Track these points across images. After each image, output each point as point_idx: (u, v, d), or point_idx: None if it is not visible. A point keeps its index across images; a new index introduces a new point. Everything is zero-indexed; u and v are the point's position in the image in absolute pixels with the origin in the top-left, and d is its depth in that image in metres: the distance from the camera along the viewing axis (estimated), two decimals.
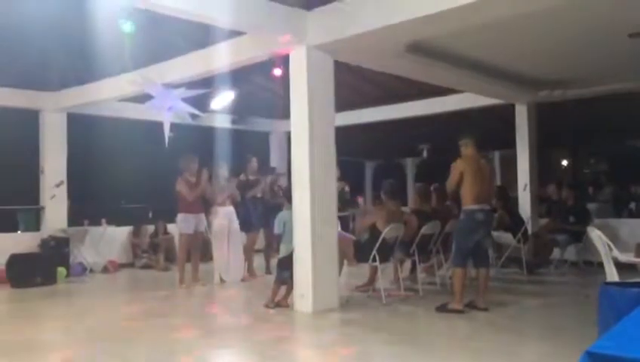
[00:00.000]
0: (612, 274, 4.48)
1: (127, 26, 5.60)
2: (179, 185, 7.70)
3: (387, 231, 6.29)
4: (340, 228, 7.02)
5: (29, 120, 9.58)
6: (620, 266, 4.66)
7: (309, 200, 5.90)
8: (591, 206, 9.89)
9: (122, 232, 10.22)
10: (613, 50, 7.01)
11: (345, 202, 7.01)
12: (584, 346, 1.40)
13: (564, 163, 15.47)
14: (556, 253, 8.80)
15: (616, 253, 4.71)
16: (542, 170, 10.10)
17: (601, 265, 4.75)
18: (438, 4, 4.92)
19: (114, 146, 9.71)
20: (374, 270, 6.66)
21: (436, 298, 6.30)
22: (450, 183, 5.91)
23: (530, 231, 8.76)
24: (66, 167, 9.69)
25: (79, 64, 8.10)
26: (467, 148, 5.97)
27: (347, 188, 8.88)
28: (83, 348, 4.72)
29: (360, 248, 6.70)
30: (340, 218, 7.38)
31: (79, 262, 9.19)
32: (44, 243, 8.98)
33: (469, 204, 5.79)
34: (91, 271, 9.28)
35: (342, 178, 7.94)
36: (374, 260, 6.28)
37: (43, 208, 9.58)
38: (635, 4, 5.34)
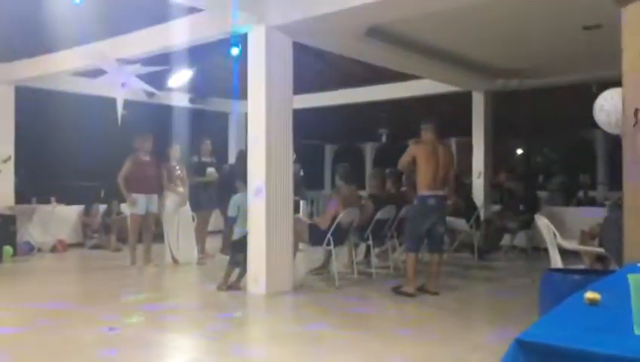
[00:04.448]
0: (556, 261, 4.61)
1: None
2: (126, 166, 7.51)
3: (342, 216, 6.30)
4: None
5: None
6: (566, 253, 4.80)
7: (264, 183, 5.84)
8: (541, 194, 10.15)
9: (72, 211, 9.93)
10: (569, 42, 7.15)
11: (296, 186, 6.92)
12: None
13: (519, 151, 15.79)
14: (506, 239, 9.02)
15: (560, 240, 4.85)
16: (497, 158, 10.29)
17: (548, 251, 4.88)
18: None
19: (65, 122, 9.35)
20: (329, 253, 6.68)
21: (389, 282, 6.39)
22: (401, 162, 6.08)
23: (482, 218, 8.94)
24: (14, 142, 9.32)
25: (30, 35, 7.75)
26: (426, 134, 6.00)
27: (302, 173, 8.82)
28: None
29: (315, 232, 6.69)
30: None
31: (26, 241, 8.90)
32: None
33: (421, 190, 5.87)
34: (39, 250, 9.00)
35: (297, 161, 7.86)
36: (329, 244, 6.29)
37: None
38: None
